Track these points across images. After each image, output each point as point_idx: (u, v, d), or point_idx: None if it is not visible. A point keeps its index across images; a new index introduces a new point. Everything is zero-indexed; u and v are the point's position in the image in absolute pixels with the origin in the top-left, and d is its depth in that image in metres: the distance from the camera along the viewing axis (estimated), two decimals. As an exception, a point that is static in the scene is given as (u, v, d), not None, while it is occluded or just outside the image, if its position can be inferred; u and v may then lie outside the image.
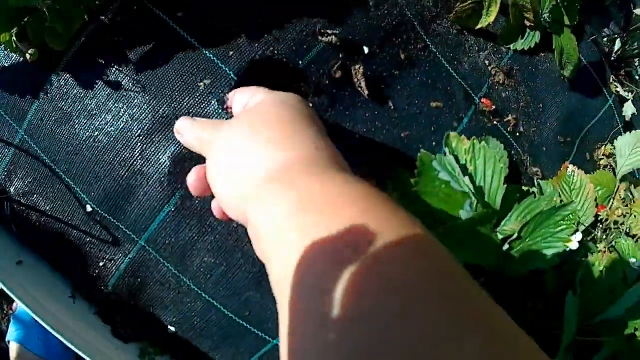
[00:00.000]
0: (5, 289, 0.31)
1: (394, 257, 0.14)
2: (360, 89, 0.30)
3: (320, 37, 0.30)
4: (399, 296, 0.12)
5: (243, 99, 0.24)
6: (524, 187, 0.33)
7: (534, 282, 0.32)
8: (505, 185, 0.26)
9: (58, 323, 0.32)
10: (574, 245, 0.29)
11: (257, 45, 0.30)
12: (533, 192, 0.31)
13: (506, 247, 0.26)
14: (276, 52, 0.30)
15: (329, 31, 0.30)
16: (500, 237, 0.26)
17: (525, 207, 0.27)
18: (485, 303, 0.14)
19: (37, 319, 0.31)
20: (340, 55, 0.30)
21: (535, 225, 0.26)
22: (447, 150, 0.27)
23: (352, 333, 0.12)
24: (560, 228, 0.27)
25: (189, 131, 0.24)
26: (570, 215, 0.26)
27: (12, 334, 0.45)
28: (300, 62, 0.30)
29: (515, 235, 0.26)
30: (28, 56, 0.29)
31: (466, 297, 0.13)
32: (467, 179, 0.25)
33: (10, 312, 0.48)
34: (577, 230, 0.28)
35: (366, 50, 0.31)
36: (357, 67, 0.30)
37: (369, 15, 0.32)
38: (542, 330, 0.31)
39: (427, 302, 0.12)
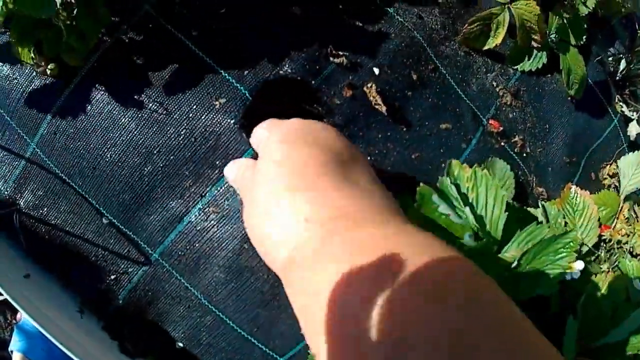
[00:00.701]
0: (12, 302, 0.32)
1: (434, 283, 0.15)
2: (378, 106, 0.31)
3: (331, 58, 0.31)
4: (439, 322, 0.13)
5: (274, 131, 0.24)
6: (529, 209, 0.34)
7: (539, 302, 0.33)
8: (507, 213, 0.27)
9: (65, 337, 0.33)
10: (575, 274, 0.30)
11: (270, 65, 0.31)
12: (536, 217, 0.33)
13: (506, 274, 0.27)
14: (289, 72, 0.31)
15: (340, 52, 0.31)
16: (502, 264, 0.27)
17: (527, 234, 0.28)
18: (529, 331, 0.15)
19: (44, 332, 0.31)
20: (350, 77, 0.32)
21: (535, 253, 0.28)
22: (448, 179, 0.28)
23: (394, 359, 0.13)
24: (560, 255, 0.28)
25: (230, 174, 0.25)
26: (571, 243, 0.27)
27: (16, 343, 0.45)
28: (313, 82, 0.32)
29: (515, 263, 0.27)
30: (48, 71, 0.30)
31: (514, 326, 0.15)
32: (467, 209, 0.27)
33: (14, 321, 0.48)
34: (578, 258, 0.29)
35: (376, 71, 0.32)
36: (370, 85, 0.31)
37: (379, 38, 0.33)
38: None
39: (471, 333, 0.13)
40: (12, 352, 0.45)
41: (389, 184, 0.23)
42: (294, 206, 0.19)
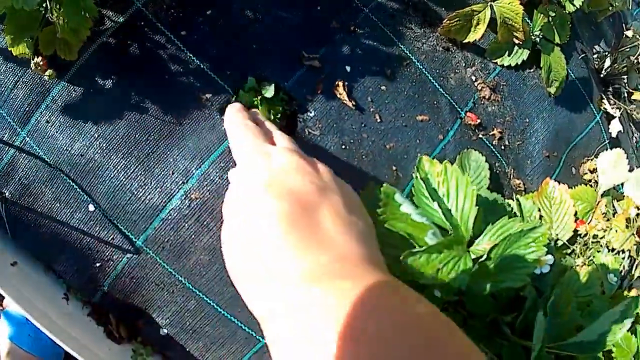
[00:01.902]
0: (-1, 289, 0.35)
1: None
2: (344, 102, 0.34)
3: (304, 62, 0.34)
4: None
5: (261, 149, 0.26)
6: (505, 200, 0.36)
7: (514, 296, 0.35)
8: (477, 207, 0.29)
9: (51, 323, 0.35)
10: (545, 268, 0.32)
11: (250, 65, 0.34)
12: (511, 210, 0.35)
13: (476, 267, 0.29)
14: (264, 73, 0.34)
15: (311, 55, 0.34)
16: (472, 256, 0.29)
17: (499, 228, 0.30)
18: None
19: (30, 318, 0.34)
20: (322, 76, 0.34)
21: (505, 247, 0.30)
22: (417, 174, 0.30)
23: None
24: (530, 250, 0.30)
25: (234, 129, 0.28)
26: (540, 237, 0.29)
27: (3, 330, 0.48)
28: (286, 83, 0.34)
29: (485, 256, 0.29)
30: (46, 77, 0.33)
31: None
32: (435, 204, 0.28)
33: (1, 307, 0.51)
34: (548, 252, 0.31)
35: (348, 68, 0.35)
36: (340, 82, 0.34)
37: (349, 37, 0.36)
38: (518, 345, 0.34)
39: None
40: (-1, 339, 0.48)
41: (361, 175, 0.25)
42: (277, 251, 0.21)
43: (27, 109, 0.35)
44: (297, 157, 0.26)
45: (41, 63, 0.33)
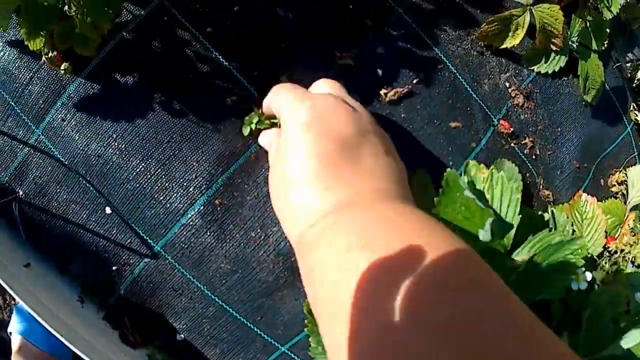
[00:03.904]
0: (11, 292, 0.34)
1: (446, 271, 0.17)
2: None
3: (337, 60, 0.33)
4: (450, 307, 0.16)
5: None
6: (538, 212, 0.36)
7: (542, 311, 0.35)
8: (520, 216, 0.29)
9: (64, 327, 0.35)
10: (582, 284, 0.32)
11: (278, 66, 0.33)
12: (547, 221, 0.34)
13: (513, 276, 0.28)
14: (295, 73, 0.33)
15: (344, 54, 0.33)
16: (510, 266, 0.29)
17: (539, 240, 0.30)
18: (535, 322, 0.18)
19: (42, 322, 0.33)
20: (355, 77, 0.33)
21: (544, 257, 0.29)
22: (465, 177, 0.30)
23: (410, 341, 0.15)
24: (567, 262, 0.29)
25: (262, 141, 0.31)
26: (579, 250, 0.29)
27: (15, 325, 0.47)
28: None
29: (524, 266, 0.29)
30: (62, 71, 0.31)
31: (506, 300, 0.18)
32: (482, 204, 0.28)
33: (13, 302, 0.51)
34: (586, 270, 0.31)
35: (380, 72, 0.34)
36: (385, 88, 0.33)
37: (382, 38, 0.34)
38: None
39: (475, 309, 0.16)
40: (11, 333, 0.47)
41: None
42: (314, 181, 0.23)
43: (42, 106, 0.34)
44: (338, 100, 0.27)
45: (56, 58, 0.31)
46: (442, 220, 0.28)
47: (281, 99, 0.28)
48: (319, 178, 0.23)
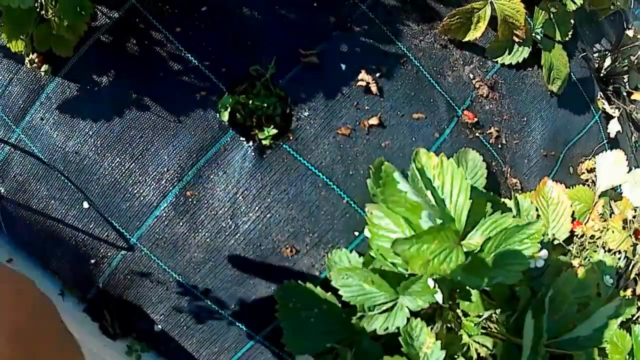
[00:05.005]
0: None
1: None
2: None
3: (301, 59, 0.34)
4: None
5: None
6: (501, 200, 0.37)
7: (509, 296, 0.36)
8: (471, 200, 0.29)
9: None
10: (539, 262, 0.33)
11: (245, 62, 0.34)
12: (506, 208, 0.35)
13: (469, 259, 0.29)
14: (259, 70, 0.34)
15: (308, 52, 0.34)
16: (464, 249, 0.30)
17: (492, 222, 0.30)
18: None
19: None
20: (318, 73, 0.35)
21: (499, 241, 0.30)
22: (413, 165, 0.30)
23: None
24: (524, 246, 0.30)
25: None
26: (535, 234, 0.30)
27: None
28: (281, 80, 0.35)
29: (478, 249, 0.30)
30: (42, 72, 0.33)
31: None
32: (429, 192, 0.29)
33: None
34: (542, 248, 0.31)
35: (343, 67, 0.35)
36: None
37: (346, 34, 0.36)
38: (512, 344, 0.35)
39: None
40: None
41: (355, 174, 0.25)
42: None
43: (22, 106, 0.36)
44: None
45: (36, 60, 0.33)
46: (388, 211, 0.28)
47: None
48: None
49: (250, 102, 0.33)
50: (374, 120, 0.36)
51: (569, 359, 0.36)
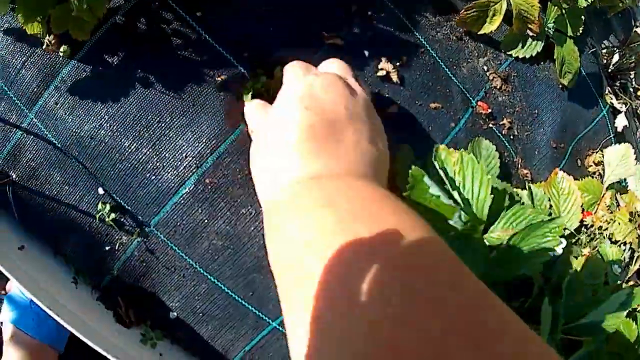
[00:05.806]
0: (6, 274, 0.35)
1: (417, 265, 0.18)
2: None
3: (325, 41, 0.34)
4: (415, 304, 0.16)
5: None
6: (514, 189, 0.37)
7: (524, 286, 0.37)
8: (492, 196, 0.30)
9: (59, 307, 0.36)
10: (558, 250, 0.34)
11: (268, 46, 0.34)
12: (520, 199, 0.36)
13: (494, 254, 0.30)
14: (283, 53, 0.34)
15: (333, 34, 0.35)
16: (487, 244, 0.31)
17: (512, 215, 0.32)
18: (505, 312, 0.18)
19: (38, 303, 0.34)
20: (342, 57, 0.35)
21: (523, 236, 0.31)
22: (436, 163, 0.31)
23: (376, 328, 0.16)
24: (546, 239, 0.32)
25: (247, 115, 0.32)
26: (557, 228, 0.31)
27: (6, 314, 0.48)
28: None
29: (504, 244, 0.31)
30: (61, 53, 0.33)
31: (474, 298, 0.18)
32: (455, 192, 0.30)
33: (3, 292, 0.51)
34: (561, 238, 0.33)
35: (366, 53, 0.36)
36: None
37: (366, 22, 0.36)
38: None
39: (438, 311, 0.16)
40: (2, 322, 0.48)
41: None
42: (293, 149, 0.25)
43: (35, 90, 0.35)
44: (338, 81, 0.28)
45: (53, 41, 0.33)
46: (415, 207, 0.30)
47: (288, 73, 0.30)
48: (298, 148, 0.24)
49: (274, 85, 0.33)
50: (393, 109, 0.36)
51: (579, 346, 0.38)
